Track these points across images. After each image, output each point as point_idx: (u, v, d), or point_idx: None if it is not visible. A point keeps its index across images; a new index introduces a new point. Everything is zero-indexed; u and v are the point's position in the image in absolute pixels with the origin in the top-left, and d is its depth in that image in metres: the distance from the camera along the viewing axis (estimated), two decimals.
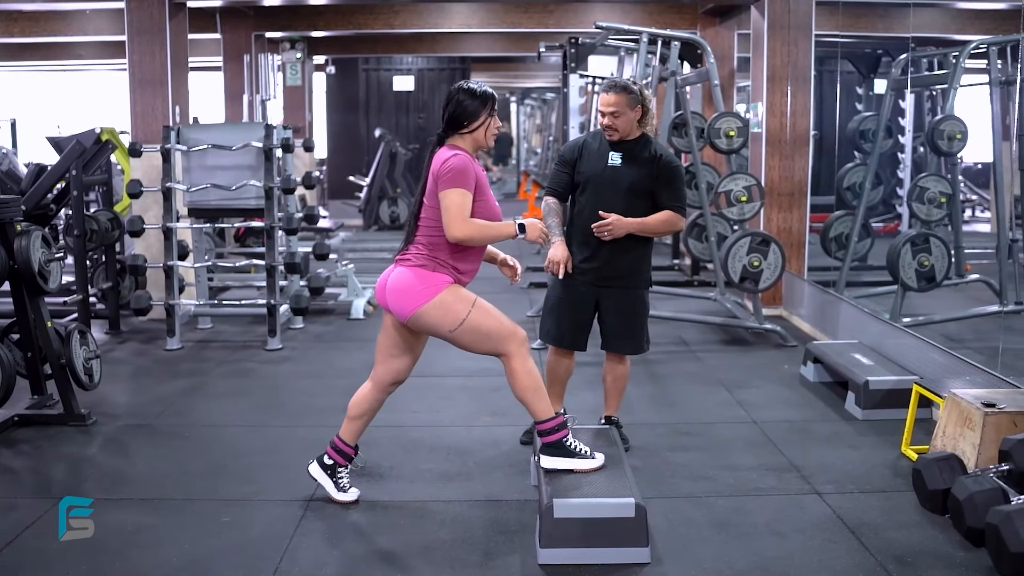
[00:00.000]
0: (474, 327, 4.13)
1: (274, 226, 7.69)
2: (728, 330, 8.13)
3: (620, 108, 4.76)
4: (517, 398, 4.25)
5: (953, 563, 3.84)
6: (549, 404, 4.25)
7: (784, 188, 8.61)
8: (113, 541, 4.10)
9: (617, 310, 4.94)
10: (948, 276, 7.52)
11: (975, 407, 4.48)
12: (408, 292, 4.13)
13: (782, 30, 8.50)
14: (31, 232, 5.61)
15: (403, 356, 4.40)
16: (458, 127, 4.20)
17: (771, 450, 5.23)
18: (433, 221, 4.15)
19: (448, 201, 4.03)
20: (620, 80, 4.93)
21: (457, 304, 4.12)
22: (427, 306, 4.10)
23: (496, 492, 4.64)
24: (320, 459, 4.52)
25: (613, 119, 4.78)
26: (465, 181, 4.06)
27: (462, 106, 4.18)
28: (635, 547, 3.83)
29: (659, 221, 4.83)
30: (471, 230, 4.06)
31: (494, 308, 4.22)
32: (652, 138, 4.96)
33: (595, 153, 4.91)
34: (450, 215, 4.03)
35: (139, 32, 8.54)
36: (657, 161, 4.83)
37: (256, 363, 7.28)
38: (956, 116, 7.55)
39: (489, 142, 4.30)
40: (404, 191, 15.34)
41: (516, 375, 4.18)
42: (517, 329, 4.22)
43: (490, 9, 11.57)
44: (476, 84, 4.27)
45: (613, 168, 4.84)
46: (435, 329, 4.18)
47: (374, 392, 4.46)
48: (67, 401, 5.73)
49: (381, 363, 4.43)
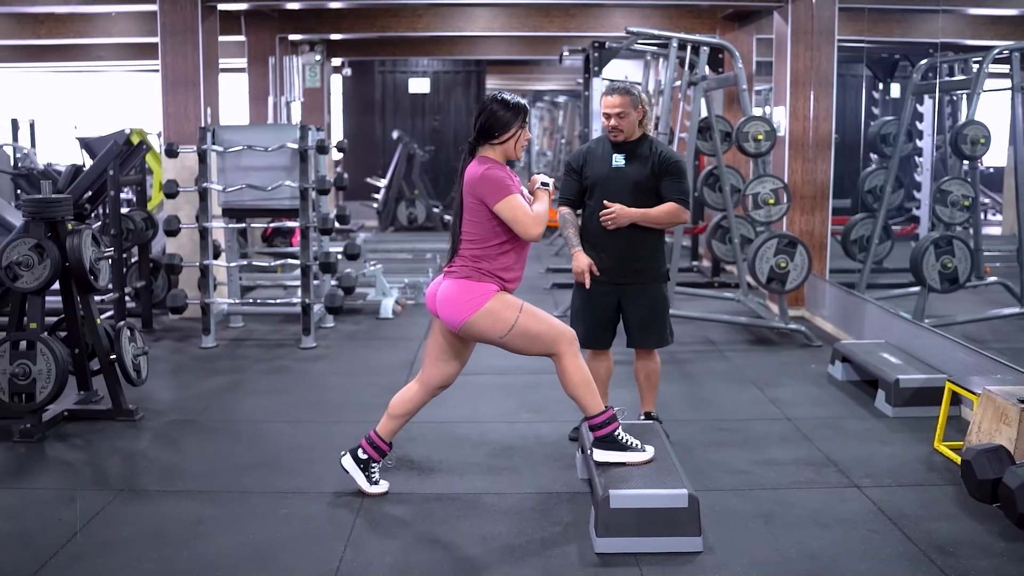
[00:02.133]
0: (524, 331, 4.26)
1: (309, 226, 7.83)
2: (753, 330, 8.26)
3: (624, 109, 4.93)
4: (568, 394, 4.38)
5: (995, 552, 3.98)
6: (599, 399, 4.38)
7: (807, 191, 8.75)
8: (177, 531, 4.25)
9: (638, 306, 5.08)
10: (970, 278, 7.66)
11: (1011, 403, 4.62)
12: (457, 303, 4.26)
13: (805, 35, 8.64)
14: (82, 231, 5.75)
15: (452, 361, 4.53)
16: (489, 137, 4.30)
17: (807, 445, 5.37)
18: (475, 235, 4.27)
19: (509, 212, 4.17)
20: (621, 83, 5.13)
21: (505, 311, 4.24)
22: (476, 315, 4.23)
23: (545, 485, 4.78)
24: (354, 452, 4.65)
25: (619, 120, 4.95)
26: (508, 187, 4.18)
27: (495, 116, 4.28)
28: (688, 536, 3.98)
29: (663, 212, 4.98)
30: (541, 223, 4.22)
31: (541, 311, 4.36)
32: (652, 137, 5.14)
33: (599, 157, 5.08)
34: (518, 222, 4.17)
35: (172, 34, 8.68)
36: (658, 157, 5.00)
37: (292, 361, 7.42)
38: (979, 121, 7.68)
39: (519, 154, 4.40)
40: (421, 192, 15.47)
41: (567, 372, 4.31)
42: (566, 329, 4.36)
43: (512, 13, 11.70)
44: (509, 95, 4.36)
45: (618, 169, 5.01)
46: (486, 336, 4.31)
47: (420, 394, 4.58)
48: (115, 397, 5.87)
49: (431, 366, 4.55)
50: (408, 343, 7.98)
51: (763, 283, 7.77)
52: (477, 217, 4.25)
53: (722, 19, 11.06)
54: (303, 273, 7.83)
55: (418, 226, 15.28)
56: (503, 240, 4.27)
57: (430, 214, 15.35)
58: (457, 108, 17.63)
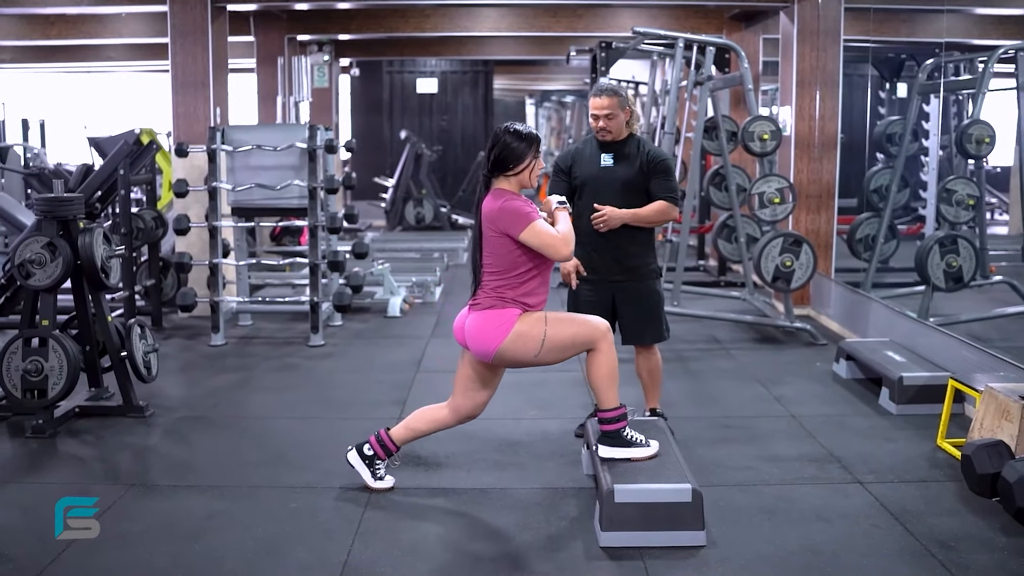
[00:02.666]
0: (556, 343, 4.30)
1: (317, 225, 7.89)
2: (759, 329, 8.31)
3: (613, 110, 4.99)
4: (592, 384, 4.43)
5: (996, 547, 4.03)
6: (617, 396, 4.43)
7: (812, 190, 8.79)
8: (188, 525, 4.31)
9: (632, 303, 5.14)
10: (975, 277, 7.69)
11: (1013, 400, 4.66)
12: (484, 334, 4.30)
13: (811, 35, 8.68)
14: (94, 229, 5.82)
15: (483, 390, 4.57)
16: (504, 169, 4.33)
17: (811, 442, 5.41)
18: (497, 266, 4.31)
19: (535, 239, 4.20)
20: (608, 83, 5.16)
21: (532, 330, 4.28)
22: (505, 342, 4.27)
23: (551, 481, 4.83)
24: (360, 448, 4.70)
25: (607, 121, 5.01)
26: (528, 214, 4.21)
27: (509, 148, 4.30)
28: (692, 530, 4.03)
29: (653, 211, 5.04)
30: (569, 242, 4.26)
31: (565, 314, 4.41)
32: (639, 136, 5.19)
33: (587, 157, 5.14)
34: (547, 246, 4.20)
35: (182, 34, 8.76)
36: (646, 156, 5.06)
37: (300, 359, 7.49)
38: (984, 120, 7.71)
39: (533, 183, 4.43)
40: (429, 192, 15.53)
41: (597, 363, 4.35)
42: (598, 323, 4.39)
43: (519, 13, 11.76)
44: (521, 126, 4.40)
45: (606, 169, 5.07)
46: (520, 359, 4.35)
47: (448, 419, 4.63)
48: (126, 393, 5.94)
49: (461, 395, 4.58)
50: (416, 341, 8.03)
51: (768, 281, 7.81)
52: (498, 249, 4.29)
53: (729, 19, 11.10)
54: (311, 272, 7.90)
55: (426, 225, 15.33)
56: (527, 268, 4.30)
57: (438, 214, 15.41)
58: (465, 108, 17.69)
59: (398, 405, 6.16)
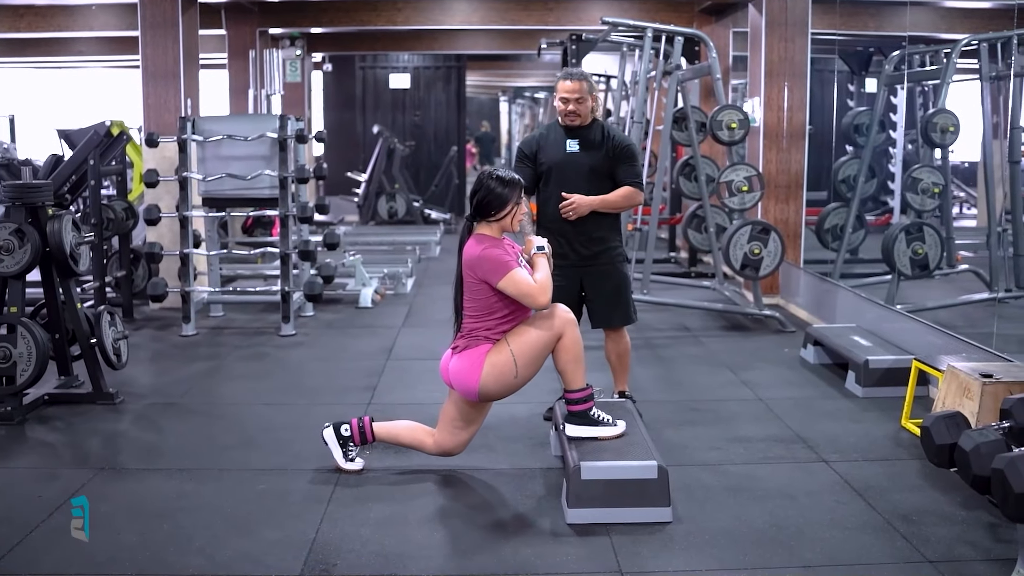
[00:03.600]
0: (528, 354, 4.35)
1: (288, 215, 7.90)
2: (728, 316, 8.37)
3: (582, 94, 5.04)
4: (558, 367, 4.47)
5: (955, 520, 4.10)
6: (584, 377, 4.47)
7: (781, 180, 8.87)
8: (157, 506, 4.32)
9: (600, 286, 5.20)
10: (940, 265, 7.79)
11: (973, 378, 4.74)
12: (464, 375, 4.37)
13: (779, 27, 8.77)
14: (62, 216, 5.80)
15: (466, 429, 4.62)
16: (486, 215, 4.39)
17: (778, 424, 5.48)
18: (477, 309, 4.37)
19: (514, 288, 4.25)
20: (576, 69, 5.25)
21: (500, 357, 4.33)
22: (483, 379, 4.34)
23: (519, 462, 4.87)
24: (338, 427, 4.73)
25: (577, 105, 5.04)
26: (507, 263, 4.26)
27: (493, 193, 4.36)
28: (658, 507, 4.08)
29: (619, 196, 5.11)
30: (547, 291, 4.28)
31: (523, 325, 4.41)
32: (603, 122, 5.23)
33: (552, 143, 5.17)
34: (525, 295, 4.26)
35: (152, 26, 8.74)
36: (611, 142, 5.12)
37: (271, 348, 7.49)
38: (949, 110, 7.81)
39: (515, 227, 4.49)
40: (402, 187, 15.54)
41: (563, 347, 4.39)
42: (558, 314, 4.40)
43: (491, 6, 11.81)
44: (504, 172, 4.46)
45: (572, 154, 5.12)
46: (504, 388, 4.41)
47: (430, 448, 4.67)
48: (96, 380, 5.93)
49: (446, 432, 4.62)
50: (386, 331, 8.05)
51: (737, 269, 7.88)
52: (477, 294, 4.35)
53: (699, 12, 11.19)
54: (282, 261, 7.90)
55: (398, 220, 15.33)
56: (505, 313, 4.37)
57: (410, 208, 15.42)
58: (437, 103, 17.69)
59: (368, 391, 6.18)
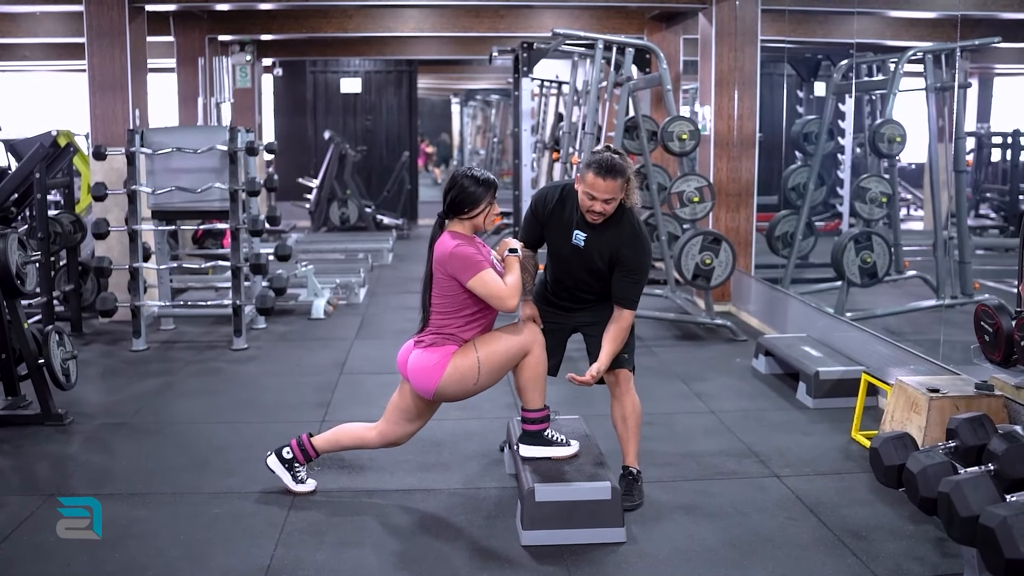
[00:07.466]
0: (492, 363, 4.32)
1: (239, 227, 7.84)
2: (681, 326, 8.43)
3: (615, 195, 4.30)
4: (517, 384, 4.47)
5: (904, 535, 4.17)
6: (543, 397, 4.45)
7: (732, 189, 8.95)
8: (109, 534, 4.24)
9: (605, 316, 4.54)
10: (889, 272, 7.90)
11: (921, 392, 4.82)
12: (424, 371, 4.32)
13: (729, 36, 8.83)
14: (7, 235, 5.71)
15: (415, 421, 4.59)
16: (459, 212, 4.34)
17: (730, 437, 5.53)
18: (445, 306, 4.32)
19: (483, 288, 4.21)
20: (615, 160, 4.32)
21: (466, 360, 4.30)
22: (443, 380, 4.30)
23: (474, 481, 4.88)
24: (279, 451, 4.71)
25: (604, 206, 4.31)
26: (479, 263, 4.22)
27: (466, 192, 4.31)
28: (612, 527, 4.10)
29: (622, 336, 4.47)
30: (515, 294, 4.24)
31: (493, 333, 4.40)
32: (628, 210, 4.46)
33: (561, 225, 4.53)
34: (493, 296, 4.21)
35: (99, 35, 8.62)
36: (623, 249, 4.42)
37: (224, 362, 7.43)
38: (896, 120, 7.92)
39: (488, 226, 4.45)
40: (354, 192, 15.47)
41: (525, 364, 4.37)
42: (527, 331, 4.39)
43: (442, 14, 11.77)
44: (478, 171, 4.42)
45: (576, 248, 4.48)
46: (461, 392, 4.38)
47: (374, 441, 4.64)
48: (44, 401, 5.84)
49: (392, 422, 4.58)
50: (340, 343, 8.02)
51: (689, 279, 7.94)
52: (447, 291, 4.31)
53: (649, 20, 11.23)
54: (234, 275, 7.84)
55: (351, 226, 15.27)
56: (474, 311, 4.32)
57: (362, 214, 15.36)
58: (389, 108, 17.64)
59: (322, 408, 6.16)
